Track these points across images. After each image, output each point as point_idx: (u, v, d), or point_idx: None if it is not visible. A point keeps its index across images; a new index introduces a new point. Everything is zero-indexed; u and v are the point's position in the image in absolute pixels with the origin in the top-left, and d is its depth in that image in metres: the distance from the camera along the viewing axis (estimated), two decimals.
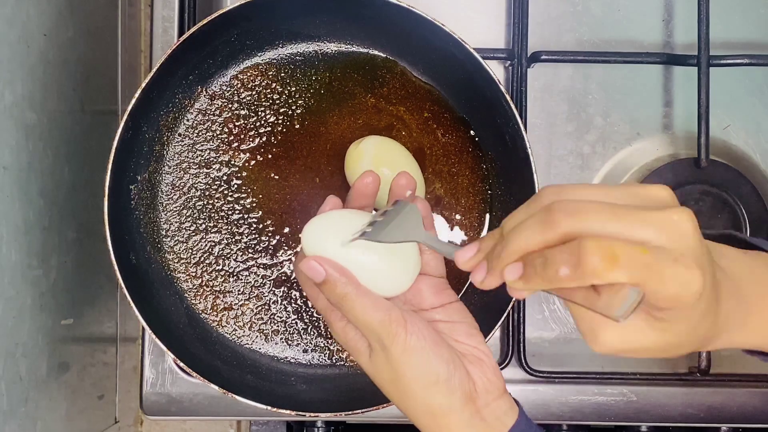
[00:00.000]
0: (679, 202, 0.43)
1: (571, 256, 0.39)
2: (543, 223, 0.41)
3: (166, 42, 0.72)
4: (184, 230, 0.68)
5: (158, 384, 0.70)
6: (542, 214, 0.42)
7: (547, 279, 0.41)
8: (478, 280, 0.45)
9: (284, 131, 0.69)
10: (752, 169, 0.74)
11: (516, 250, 0.42)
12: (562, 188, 0.43)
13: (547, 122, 0.75)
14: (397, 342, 0.50)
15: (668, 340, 0.43)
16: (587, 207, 0.41)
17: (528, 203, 0.44)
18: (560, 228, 0.41)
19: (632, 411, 0.72)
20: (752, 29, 0.76)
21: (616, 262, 0.39)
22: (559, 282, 0.40)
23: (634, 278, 0.39)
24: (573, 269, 0.39)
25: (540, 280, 0.41)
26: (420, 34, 0.65)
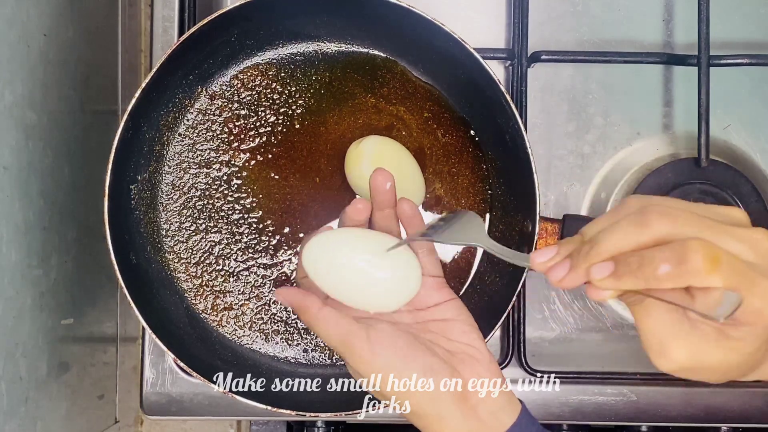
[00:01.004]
0: None
1: (673, 254, 0.40)
2: (637, 224, 0.42)
3: (167, 42, 0.72)
4: (184, 230, 0.68)
5: (158, 384, 0.70)
6: (636, 216, 0.42)
7: (643, 276, 0.41)
8: (558, 277, 0.44)
9: (284, 131, 0.69)
10: (752, 168, 0.74)
11: (608, 249, 0.42)
12: (649, 198, 0.44)
13: (547, 122, 0.75)
14: (362, 361, 0.50)
15: (733, 360, 0.43)
16: (680, 213, 0.42)
17: (612, 212, 0.44)
18: (655, 228, 0.41)
19: (633, 411, 0.72)
20: (752, 29, 0.76)
21: (718, 265, 0.39)
22: (656, 280, 0.40)
23: (732, 284, 0.40)
24: (675, 267, 0.40)
25: (634, 278, 0.41)
26: (420, 34, 0.65)
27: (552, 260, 0.45)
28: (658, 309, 0.44)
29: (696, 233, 0.41)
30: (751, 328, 0.42)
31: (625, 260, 0.42)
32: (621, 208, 0.44)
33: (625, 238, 0.42)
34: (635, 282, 0.41)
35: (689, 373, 0.44)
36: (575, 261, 0.44)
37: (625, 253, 0.42)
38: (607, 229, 0.43)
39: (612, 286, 0.42)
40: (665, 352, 0.44)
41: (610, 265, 0.42)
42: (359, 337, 0.50)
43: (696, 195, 0.70)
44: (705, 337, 0.43)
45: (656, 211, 0.42)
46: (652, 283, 0.41)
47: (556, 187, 0.74)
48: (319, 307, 0.52)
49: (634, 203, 0.44)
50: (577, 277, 0.44)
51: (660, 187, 0.70)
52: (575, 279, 0.44)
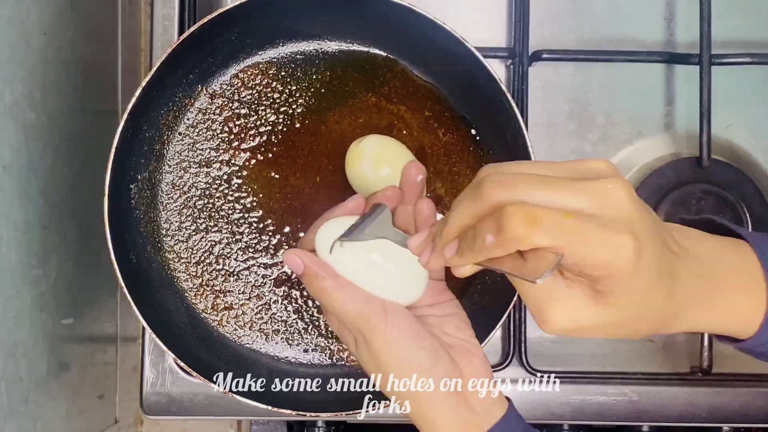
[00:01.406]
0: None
1: (492, 223, 0.40)
2: (474, 197, 0.42)
3: (167, 41, 0.72)
4: (184, 229, 0.68)
5: (158, 384, 0.70)
6: (473, 189, 0.42)
7: (476, 250, 0.41)
8: (424, 261, 0.45)
9: (285, 130, 0.69)
10: (754, 168, 0.74)
11: (454, 226, 0.43)
12: (499, 165, 0.43)
13: (548, 121, 0.74)
14: (377, 333, 0.50)
15: (615, 315, 0.42)
16: (516, 178, 0.41)
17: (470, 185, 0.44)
18: (488, 199, 0.41)
19: (634, 411, 0.71)
20: (754, 28, 0.75)
21: (536, 225, 0.39)
22: (486, 251, 0.40)
23: (557, 241, 0.39)
24: (496, 235, 0.39)
25: (471, 253, 0.41)
26: (421, 33, 0.65)
27: (424, 243, 0.46)
28: None
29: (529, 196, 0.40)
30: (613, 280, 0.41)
31: (464, 236, 0.42)
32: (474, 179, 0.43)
33: (465, 213, 0.42)
34: (474, 256, 0.41)
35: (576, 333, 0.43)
36: (435, 242, 0.45)
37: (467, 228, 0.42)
38: (453, 206, 0.43)
39: (459, 262, 0.43)
40: (545, 317, 0.43)
41: (454, 244, 0.43)
42: (377, 306, 0.50)
43: (698, 194, 0.70)
44: (582, 297, 0.42)
45: (490, 181, 0.41)
46: (485, 253, 0.41)
47: None
48: (336, 275, 0.51)
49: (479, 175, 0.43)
50: (438, 259, 0.44)
51: (661, 186, 0.70)
52: (438, 261, 0.45)
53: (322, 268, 0.52)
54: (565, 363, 0.72)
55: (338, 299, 0.51)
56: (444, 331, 0.53)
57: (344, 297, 0.51)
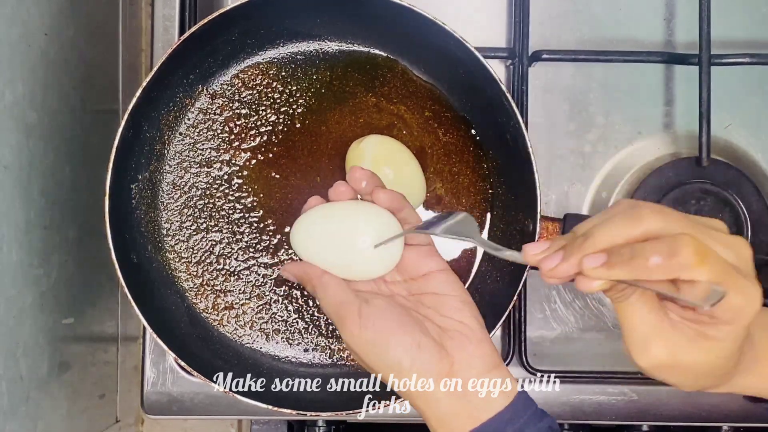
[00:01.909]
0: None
1: (664, 247, 0.42)
2: (631, 218, 0.44)
3: (167, 41, 0.72)
4: (185, 229, 0.68)
5: (159, 383, 0.70)
6: (629, 211, 0.44)
7: (635, 267, 0.43)
8: (550, 266, 0.46)
9: (285, 130, 0.69)
10: (753, 168, 0.74)
11: (601, 241, 0.44)
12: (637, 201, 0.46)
13: (548, 121, 0.74)
14: (351, 334, 0.52)
15: (710, 361, 0.46)
16: (670, 212, 0.44)
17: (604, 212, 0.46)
18: (646, 224, 0.43)
19: (633, 410, 0.71)
20: (753, 28, 0.76)
21: (706, 259, 0.42)
22: (647, 271, 0.42)
23: (717, 278, 0.42)
24: (666, 259, 0.42)
25: (626, 268, 0.43)
26: (421, 33, 0.65)
27: (544, 252, 0.47)
28: (642, 308, 0.46)
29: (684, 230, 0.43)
30: (730, 328, 0.45)
31: (618, 251, 0.43)
32: (612, 208, 0.46)
33: (618, 232, 0.44)
34: (626, 272, 0.43)
35: (666, 371, 0.46)
36: (569, 252, 0.45)
37: (617, 246, 0.44)
38: (601, 224, 0.45)
39: (604, 275, 0.44)
40: (647, 348, 0.46)
41: (603, 255, 0.44)
42: (351, 309, 0.52)
43: (697, 194, 0.70)
44: (684, 337, 0.45)
45: (649, 208, 0.44)
46: (643, 273, 0.43)
47: (557, 186, 0.74)
48: (319, 274, 0.54)
49: (625, 203, 0.46)
50: (569, 266, 0.45)
51: (661, 186, 0.70)
52: (567, 269, 0.45)
53: (309, 267, 0.55)
54: (565, 363, 0.73)
55: (321, 297, 0.54)
56: (441, 313, 0.53)
57: (325, 296, 0.53)
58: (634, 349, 0.46)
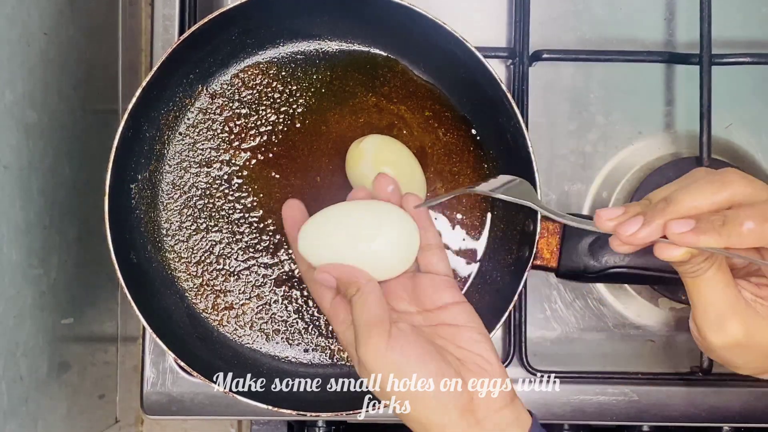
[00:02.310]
0: None
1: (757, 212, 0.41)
2: (717, 183, 0.42)
3: (167, 41, 0.72)
4: (184, 229, 0.68)
5: (159, 383, 0.70)
6: (714, 176, 0.43)
7: (726, 233, 0.41)
8: (630, 231, 0.44)
9: (285, 130, 0.69)
10: (754, 167, 0.74)
11: (687, 206, 0.42)
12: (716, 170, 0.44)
13: (548, 121, 0.74)
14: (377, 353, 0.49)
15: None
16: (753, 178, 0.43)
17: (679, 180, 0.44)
18: (734, 189, 0.42)
19: (634, 411, 0.71)
20: (754, 28, 0.75)
21: None
22: (739, 237, 0.41)
23: None
24: (760, 225, 0.40)
25: (716, 235, 0.41)
26: (421, 33, 0.65)
27: (620, 218, 0.45)
28: (717, 284, 0.44)
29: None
30: None
31: (708, 218, 0.42)
32: (690, 175, 0.44)
33: (703, 196, 0.42)
34: (717, 239, 0.41)
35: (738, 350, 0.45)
36: (650, 216, 0.43)
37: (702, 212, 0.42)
38: (683, 188, 0.43)
39: (692, 242, 0.42)
40: (723, 326, 0.44)
41: (690, 221, 0.42)
42: (383, 327, 0.49)
43: None
44: (759, 316, 0.44)
45: (735, 173, 0.43)
46: (734, 240, 0.41)
47: (558, 186, 0.74)
48: (368, 278, 0.52)
49: (702, 170, 0.44)
50: (651, 231, 0.43)
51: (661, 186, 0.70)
52: (649, 233, 0.43)
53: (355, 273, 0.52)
54: (565, 363, 0.72)
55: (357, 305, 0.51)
56: (457, 345, 0.52)
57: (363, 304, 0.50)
58: (708, 326, 0.45)
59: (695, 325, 0.46)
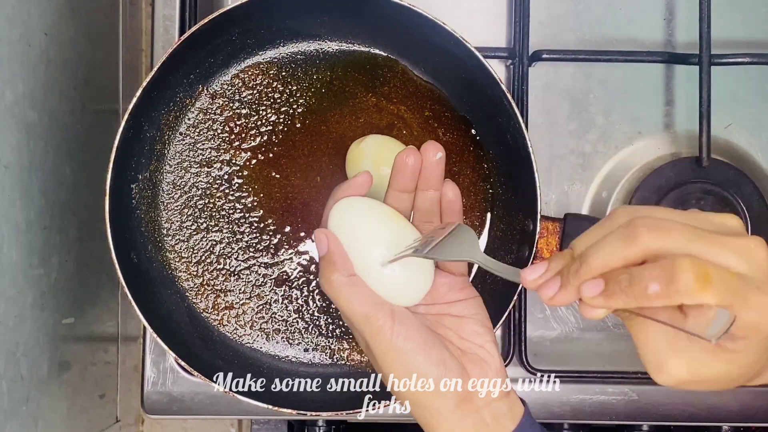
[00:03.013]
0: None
1: (662, 272, 0.39)
2: (625, 239, 0.41)
3: (168, 41, 0.72)
4: (185, 229, 0.68)
5: (159, 383, 0.70)
6: (624, 230, 0.41)
7: (633, 295, 0.40)
8: (548, 295, 0.44)
9: (285, 130, 0.69)
10: (754, 168, 0.74)
11: (597, 266, 0.42)
12: (637, 209, 0.43)
13: (548, 121, 0.74)
14: (380, 340, 0.49)
15: (733, 372, 0.43)
16: (669, 225, 0.41)
17: (600, 224, 0.43)
18: (643, 243, 0.40)
19: (634, 410, 0.71)
20: (754, 28, 0.76)
21: (709, 283, 0.38)
22: (646, 299, 0.40)
23: (724, 301, 0.39)
24: (664, 286, 0.39)
25: (624, 297, 0.40)
26: (421, 33, 0.65)
27: (542, 277, 0.44)
28: (654, 324, 0.43)
29: (686, 246, 0.40)
30: (747, 341, 0.41)
31: (616, 278, 0.41)
32: (609, 220, 0.43)
33: (613, 254, 0.41)
34: (626, 301, 0.40)
35: (689, 385, 0.43)
36: (565, 278, 0.43)
37: (615, 270, 0.41)
38: (596, 245, 0.42)
39: (603, 305, 0.42)
40: (663, 367, 0.43)
41: (600, 282, 0.41)
42: (384, 311, 0.49)
43: (697, 194, 0.70)
44: (702, 350, 0.42)
45: (644, 225, 0.41)
46: (643, 301, 0.40)
47: (558, 186, 0.74)
48: (351, 273, 0.51)
49: (621, 216, 0.43)
50: (567, 295, 0.43)
51: (661, 186, 0.70)
52: (566, 297, 0.43)
53: (342, 261, 0.51)
54: (565, 362, 0.73)
55: (345, 297, 0.50)
56: (460, 335, 0.52)
57: (353, 296, 0.50)
58: (650, 367, 0.43)
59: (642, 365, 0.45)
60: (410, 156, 0.52)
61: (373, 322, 0.49)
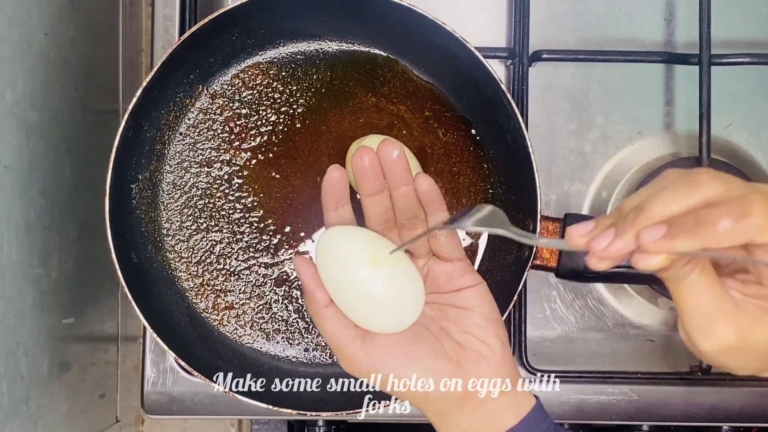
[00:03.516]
0: None
1: (732, 209, 0.38)
2: (688, 185, 0.40)
3: (168, 41, 0.72)
4: (185, 229, 0.68)
5: (159, 383, 0.70)
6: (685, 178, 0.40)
7: (701, 234, 0.39)
8: (602, 245, 0.41)
9: (285, 130, 0.69)
10: (754, 167, 0.74)
11: (658, 212, 0.40)
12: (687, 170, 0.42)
13: (548, 121, 0.74)
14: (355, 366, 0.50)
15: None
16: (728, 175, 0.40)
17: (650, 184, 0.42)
18: (706, 189, 0.40)
19: (634, 410, 0.71)
20: (753, 28, 0.76)
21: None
22: (715, 237, 0.38)
23: None
24: (736, 222, 0.38)
25: (691, 237, 0.39)
26: (421, 33, 0.65)
27: (592, 233, 0.43)
28: (702, 288, 0.42)
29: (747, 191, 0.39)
30: None
31: (680, 220, 0.40)
32: (660, 179, 0.42)
33: (675, 201, 0.40)
34: (692, 241, 0.39)
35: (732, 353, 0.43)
36: (621, 228, 0.41)
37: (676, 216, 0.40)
38: (654, 194, 0.41)
39: (666, 248, 0.40)
40: (712, 330, 0.42)
41: (662, 227, 0.40)
42: (353, 345, 0.50)
43: None
44: (751, 315, 0.42)
45: (707, 173, 0.40)
46: (711, 241, 0.39)
47: (558, 186, 0.74)
48: (325, 304, 0.52)
49: (675, 172, 0.42)
50: (624, 243, 0.41)
51: None
52: (622, 246, 0.41)
53: (318, 291, 0.52)
54: (565, 362, 0.73)
55: (320, 325, 0.52)
56: (463, 329, 0.51)
57: (325, 325, 0.51)
58: (696, 331, 0.42)
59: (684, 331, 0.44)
60: (364, 156, 0.50)
61: (342, 348, 0.50)
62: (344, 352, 0.51)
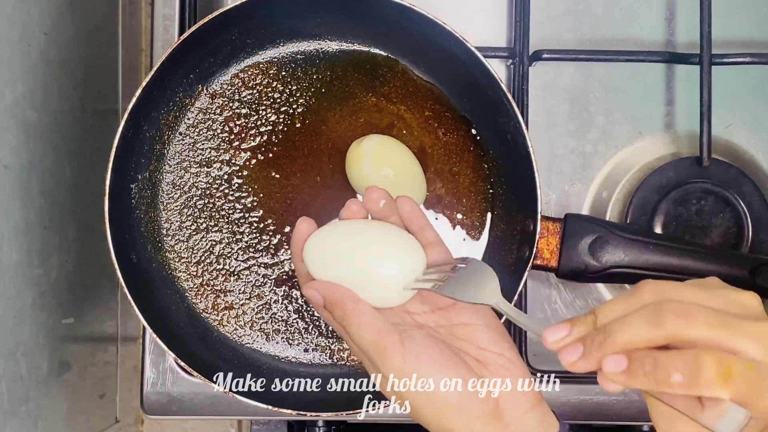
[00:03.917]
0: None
1: (686, 365, 0.40)
2: (651, 322, 0.42)
3: (167, 40, 0.72)
4: (184, 229, 0.68)
5: (159, 383, 0.70)
6: (650, 312, 0.42)
7: (655, 380, 0.41)
8: (569, 361, 0.44)
9: (285, 130, 0.69)
10: (754, 167, 0.74)
11: (621, 342, 0.43)
12: (662, 288, 0.44)
13: (548, 121, 0.74)
14: (393, 366, 0.49)
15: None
16: (695, 311, 0.42)
17: (626, 296, 0.44)
18: (669, 329, 0.42)
19: (634, 410, 0.71)
20: (754, 28, 0.75)
21: (729, 379, 0.40)
22: (668, 387, 0.41)
23: (740, 396, 0.40)
24: (687, 378, 0.40)
25: (646, 380, 0.42)
26: (421, 33, 0.65)
27: (563, 340, 0.45)
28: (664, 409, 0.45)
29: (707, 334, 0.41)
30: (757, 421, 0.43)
31: (640, 360, 0.42)
32: (635, 295, 0.44)
33: (638, 334, 0.42)
34: (648, 383, 0.42)
35: None
36: (588, 348, 0.44)
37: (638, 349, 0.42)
38: (621, 321, 0.43)
39: (624, 382, 0.43)
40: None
41: (623, 359, 0.42)
42: (393, 339, 0.49)
43: (698, 194, 0.70)
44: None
45: (671, 311, 0.42)
46: (664, 388, 0.41)
47: (558, 186, 0.74)
48: (356, 299, 0.51)
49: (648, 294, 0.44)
50: (589, 364, 0.44)
51: (662, 186, 0.70)
52: (587, 365, 0.44)
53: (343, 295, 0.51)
54: None
55: (355, 326, 0.50)
56: (477, 345, 0.51)
57: (362, 325, 0.50)
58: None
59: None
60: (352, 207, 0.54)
61: (382, 350, 0.49)
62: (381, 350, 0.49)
